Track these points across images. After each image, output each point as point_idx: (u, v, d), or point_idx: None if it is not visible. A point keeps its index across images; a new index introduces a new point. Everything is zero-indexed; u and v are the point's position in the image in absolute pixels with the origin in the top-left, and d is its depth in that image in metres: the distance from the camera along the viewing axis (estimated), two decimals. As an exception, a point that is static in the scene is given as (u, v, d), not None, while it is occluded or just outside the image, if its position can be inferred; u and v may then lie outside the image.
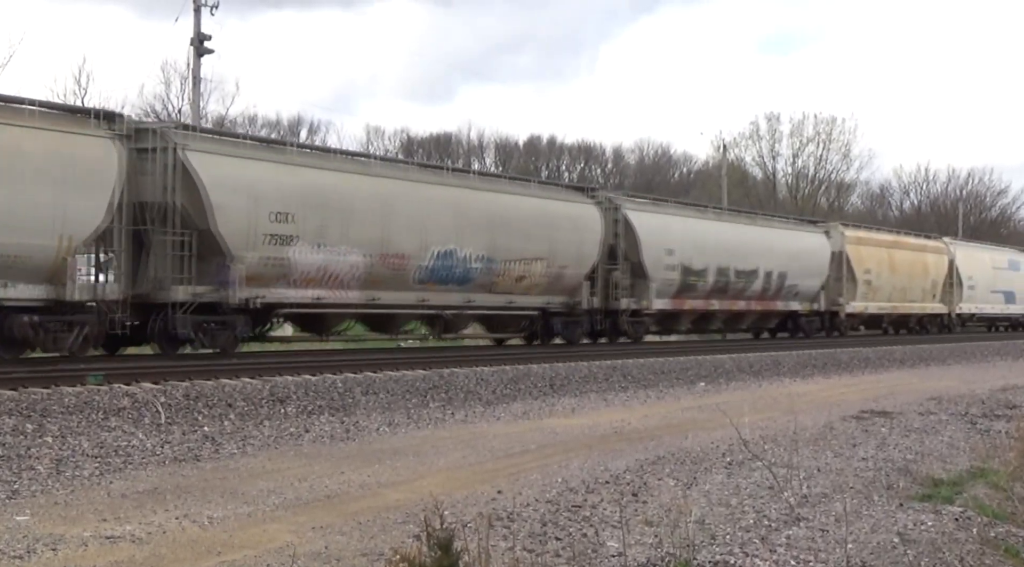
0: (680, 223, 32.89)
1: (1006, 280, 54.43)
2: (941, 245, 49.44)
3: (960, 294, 49.18)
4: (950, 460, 11.67)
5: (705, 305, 33.57)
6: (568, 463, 10.91)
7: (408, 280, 23.51)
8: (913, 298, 45.23)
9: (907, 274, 44.42)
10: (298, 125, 74.99)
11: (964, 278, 49.20)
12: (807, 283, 38.10)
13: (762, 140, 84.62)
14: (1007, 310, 55.30)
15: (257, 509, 8.41)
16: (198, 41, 37.39)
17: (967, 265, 49.97)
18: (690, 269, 32.13)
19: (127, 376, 15.74)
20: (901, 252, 44.62)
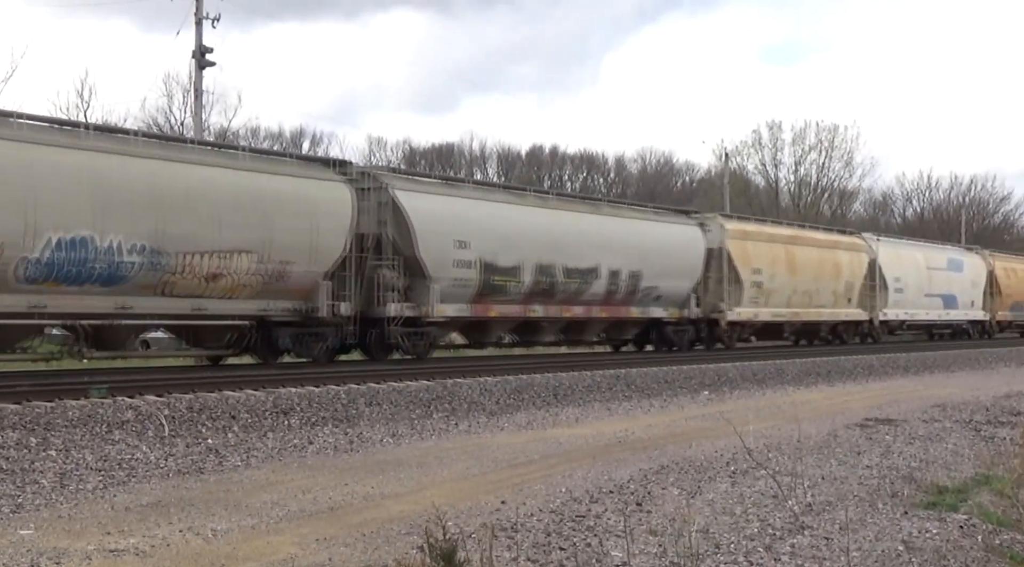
0: (478, 209, 26.08)
1: (944, 282, 47.45)
2: (859, 242, 42.85)
3: (885, 298, 42.71)
4: (954, 467, 11.65)
5: (523, 311, 26.97)
6: (572, 473, 10.90)
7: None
8: (822, 303, 38.67)
9: (813, 275, 38.01)
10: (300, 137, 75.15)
11: (890, 279, 42.92)
12: (672, 285, 31.62)
13: (764, 148, 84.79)
14: (947, 316, 48.39)
15: (261, 521, 8.41)
16: (200, 54, 37.49)
17: (894, 264, 43.67)
18: (494, 266, 25.66)
19: (130, 389, 15.75)
20: (804, 249, 38.08)
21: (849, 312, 40.88)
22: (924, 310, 45.93)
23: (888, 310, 43.16)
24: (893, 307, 43.51)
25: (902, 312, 44.38)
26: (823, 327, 40.18)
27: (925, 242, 53.33)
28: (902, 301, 44.01)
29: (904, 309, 44.36)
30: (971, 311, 50.59)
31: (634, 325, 31.63)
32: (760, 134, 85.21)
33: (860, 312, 41.36)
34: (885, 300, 42.79)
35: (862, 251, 41.94)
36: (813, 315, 38.62)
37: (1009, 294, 54.60)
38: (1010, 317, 55.69)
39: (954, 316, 49.00)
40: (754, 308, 35.12)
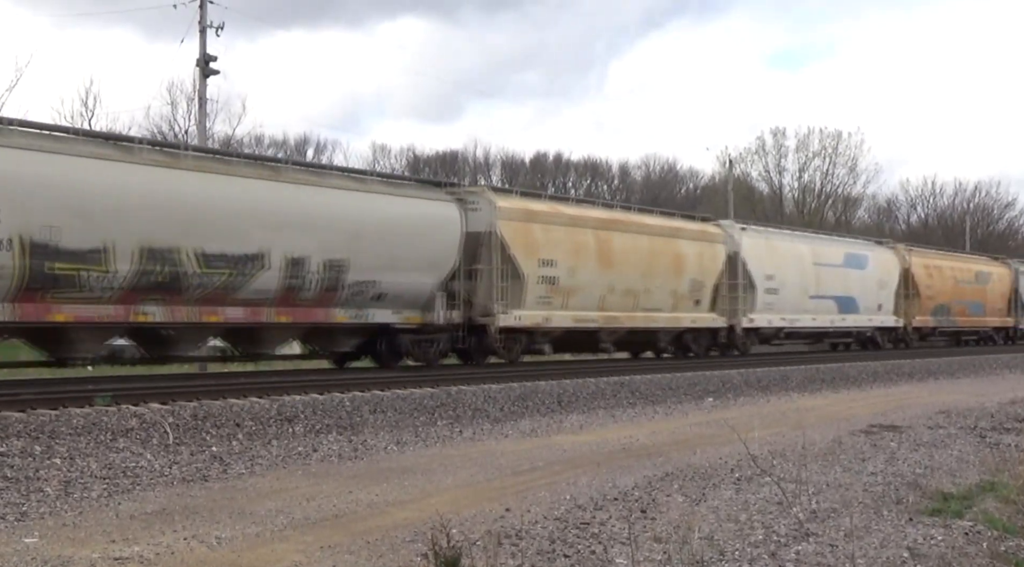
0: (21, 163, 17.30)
1: (839, 281, 39.22)
2: (713, 230, 34.25)
3: (752, 300, 34.52)
4: (960, 474, 11.63)
5: (121, 313, 18.71)
6: (576, 480, 10.90)
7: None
8: (655, 306, 30.34)
9: (640, 270, 29.66)
10: (304, 144, 75.29)
11: (758, 277, 34.77)
12: (405, 280, 23.53)
13: (768, 155, 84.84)
14: (842, 322, 39.74)
15: (265, 529, 8.41)
16: (204, 62, 37.54)
17: (764, 259, 35.42)
18: (54, 248, 17.43)
19: (135, 397, 15.76)
20: (626, 237, 29.41)
21: (698, 317, 32.34)
22: (810, 315, 37.42)
23: (757, 315, 34.79)
24: (764, 311, 35.16)
25: (777, 318, 35.83)
26: (662, 336, 31.75)
27: (815, 233, 45.77)
28: (778, 304, 35.72)
29: (781, 314, 35.89)
30: (878, 316, 42.13)
31: (347, 333, 23.68)
32: (764, 140, 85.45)
33: (715, 318, 33.10)
34: (752, 303, 34.62)
35: (717, 242, 33.59)
36: (642, 321, 29.99)
37: (931, 296, 45.81)
38: (932, 323, 46.32)
39: (853, 322, 40.50)
40: (544, 311, 26.67)
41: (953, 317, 47.90)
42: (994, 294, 52.23)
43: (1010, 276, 54.22)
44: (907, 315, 44.09)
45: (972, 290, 49.68)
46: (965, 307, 48.93)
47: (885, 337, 43.33)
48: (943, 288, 46.92)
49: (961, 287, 48.49)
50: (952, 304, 47.61)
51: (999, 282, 52.91)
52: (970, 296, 49.49)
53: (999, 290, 52.89)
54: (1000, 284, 53.01)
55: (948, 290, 47.35)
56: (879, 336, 42.79)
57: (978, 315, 50.38)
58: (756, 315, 34.87)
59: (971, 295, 49.61)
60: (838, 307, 39.22)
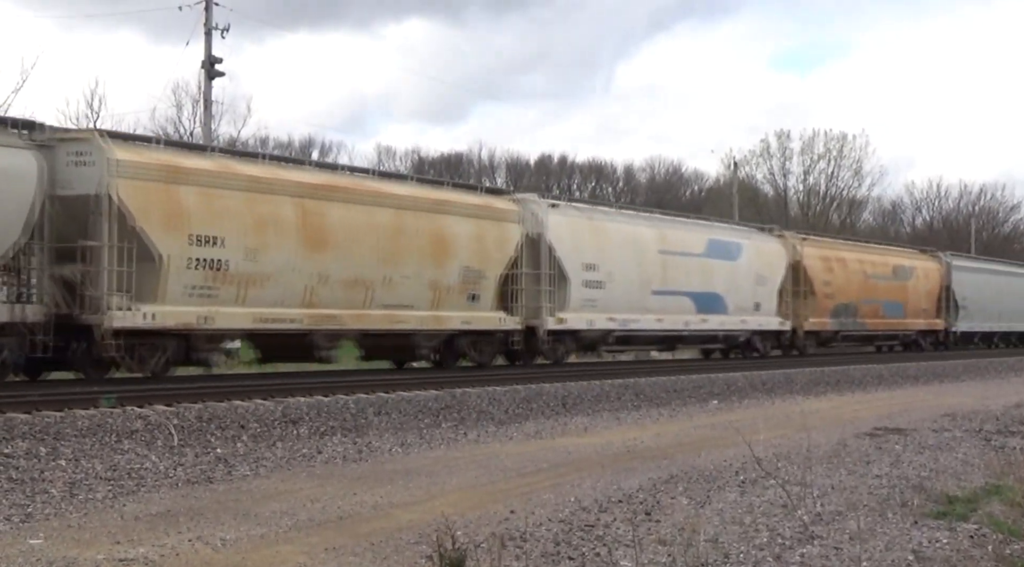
0: None
1: (698, 274, 32.22)
2: (503, 205, 27.00)
3: (564, 296, 27.46)
4: (965, 477, 11.61)
5: None
6: (581, 482, 10.89)
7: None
8: (401, 302, 23.41)
9: (376, 255, 22.84)
10: (310, 146, 75.36)
11: (572, 267, 27.67)
12: None
13: (773, 157, 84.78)
14: (702, 324, 32.44)
15: (270, 531, 8.41)
16: (209, 64, 37.63)
17: (585, 244, 28.32)
18: None
19: (140, 398, 15.78)
20: (350, 209, 22.45)
21: (475, 317, 25.28)
22: (654, 315, 30.16)
23: (571, 314, 27.54)
24: (583, 310, 28.00)
25: (603, 318, 28.56)
26: (419, 341, 24.33)
27: (666, 214, 37.05)
28: (603, 301, 28.53)
29: (608, 313, 28.58)
30: (755, 317, 35.06)
31: None
32: (769, 143, 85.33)
33: (503, 318, 26.08)
34: (565, 299, 27.42)
35: (508, 220, 26.52)
36: (380, 321, 22.97)
37: (830, 294, 38.95)
38: (832, 325, 39.51)
39: (719, 325, 33.29)
40: (203, 306, 19.71)
41: (861, 319, 40.86)
42: (918, 292, 45.19)
43: (940, 271, 47.31)
44: (799, 316, 37.16)
45: (888, 287, 42.77)
46: (878, 307, 41.93)
47: (767, 342, 36.28)
48: (847, 285, 39.97)
49: (873, 284, 41.64)
50: (860, 304, 40.60)
51: (925, 278, 45.92)
52: (885, 294, 42.45)
53: (925, 287, 45.79)
54: (926, 281, 45.97)
55: (854, 287, 40.39)
56: (759, 341, 35.59)
57: (896, 317, 43.42)
58: (570, 314, 27.44)
59: (886, 293, 42.56)
60: (696, 305, 31.90)
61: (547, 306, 26.93)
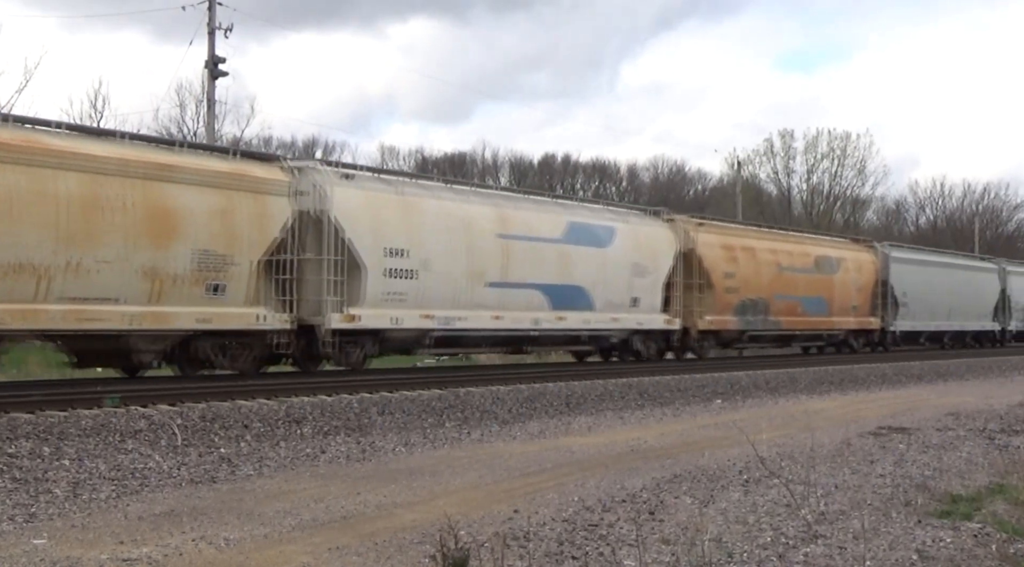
0: None
1: (554, 264, 26.78)
2: (266, 174, 21.27)
3: (359, 288, 22.16)
4: (968, 476, 11.60)
5: None
6: (584, 482, 10.89)
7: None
8: (99, 293, 18.17)
9: (54, 233, 17.56)
10: (313, 146, 75.37)
11: (369, 252, 22.30)
12: None
13: (776, 157, 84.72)
14: (559, 322, 26.90)
15: (273, 530, 8.41)
16: (212, 64, 37.64)
17: (390, 225, 22.89)
18: None
19: (143, 398, 15.78)
20: (28, 175, 17.30)
21: (214, 314, 20.02)
22: (490, 311, 24.83)
23: (364, 310, 22.10)
24: (383, 305, 22.47)
25: (416, 315, 23.07)
26: (136, 343, 19.29)
27: (509, 191, 32.48)
28: (416, 294, 23.01)
29: (423, 309, 23.18)
30: (633, 315, 29.44)
31: None
32: (772, 142, 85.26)
33: (260, 314, 20.74)
34: (359, 292, 22.06)
35: (275, 193, 21.16)
36: (64, 319, 17.74)
37: (733, 288, 33.47)
38: (736, 324, 33.81)
39: (581, 323, 27.71)
40: None
41: (775, 317, 35.33)
42: (846, 287, 39.72)
43: (875, 263, 41.85)
44: (692, 314, 31.75)
45: (809, 281, 37.36)
46: (796, 304, 36.45)
47: (651, 344, 30.95)
48: (755, 278, 34.41)
49: (789, 277, 36.21)
50: (773, 300, 35.07)
51: (857, 271, 40.46)
52: (805, 289, 37.05)
53: (857, 282, 40.36)
54: (859, 274, 40.51)
55: (765, 281, 34.85)
56: (639, 342, 30.24)
57: (819, 314, 38.02)
58: (366, 310, 22.08)
59: (807, 288, 37.21)
60: (550, 301, 26.56)
61: (331, 300, 21.48)
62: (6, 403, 14.47)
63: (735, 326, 33.83)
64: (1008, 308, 53.11)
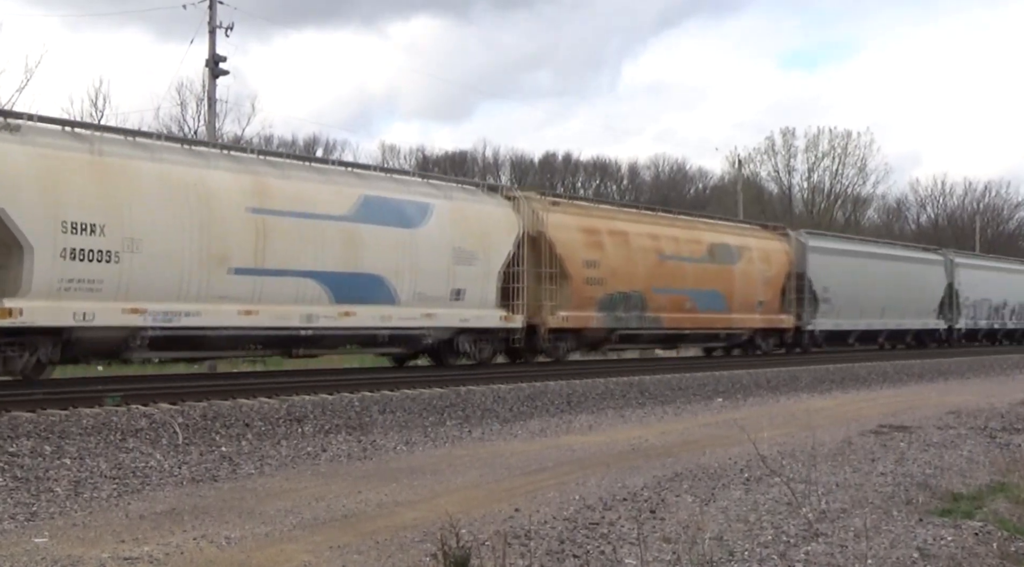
0: None
1: (337, 247, 21.60)
2: None
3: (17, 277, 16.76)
4: (969, 474, 11.60)
5: None
6: (586, 480, 10.89)
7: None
8: None
9: None
10: (314, 144, 75.38)
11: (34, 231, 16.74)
12: None
13: (777, 155, 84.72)
14: (343, 319, 21.58)
15: (275, 529, 8.42)
16: (213, 62, 37.61)
17: (71, 195, 17.29)
18: None
19: (144, 397, 15.78)
20: None
21: None
22: (238, 305, 19.70)
23: (27, 302, 16.73)
24: (61, 296, 17.13)
25: (114, 308, 17.82)
26: None
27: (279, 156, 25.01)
28: (115, 282, 17.83)
29: (129, 301, 18.06)
30: (452, 310, 23.87)
31: None
32: (774, 141, 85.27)
33: None
34: (20, 278, 16.80)
35: None
36: None
37: (596, 279, 27.74)
38: (602, 322, 27.97)
39: (375, 321, 22.24)
40: None
41: (653, 313, 29.57)
42: (750, 280, 34.10)
43: (788, 254, 36.60)
44: (543, 309, 26.16)
45: (700, 272, 31.76)
46: (682, 299, 30.85)
47: (486, 344, 25.31)
48: (627, 267, 28.76)
49: (674, 267, 30.51)
50: (650, 293, 29.42)
51: (765, 262, 35.01)
52: (696, 282, 31.41)
53: (764, 274, 34.80)
54: (767, 265, 35.07)
55: (641, 271, 29.18)
56: (468, 342, 24.83)
57: (715, 310, 32.38)
58: (30, 302, 16.67)
59: (698, 280, 31.55)
60: (331, 293, 21.35)
61: None
62: (7, 402, 14.47)
63: (600, 323, 27.92)
64: (956, 304, 47.59)
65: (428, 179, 26.23)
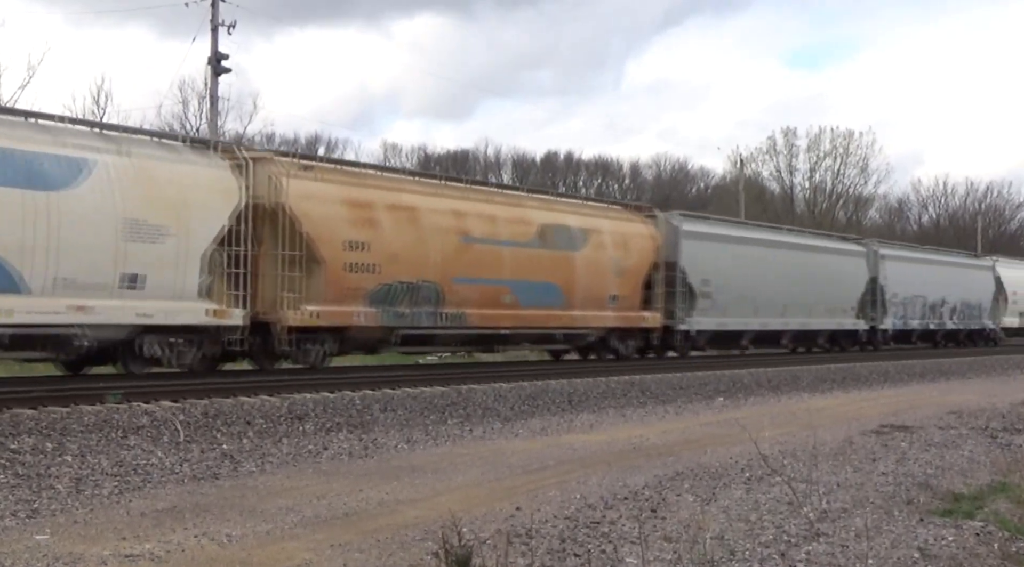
0: None
1: None
2: None
3: None
4: (971, 474, 11.60)
5: None
6: (587, 479, 10.89)
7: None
8: None
9: None
10: (316, 142, 75.36)
11: None
12: None
13: (779, 155, 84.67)
14: None
15: (276, 527, 8.42)
16: (215, 60, 37.63)
17: None
18: None
19: (146, 394, 15.79)
20: None
21: None
22: None
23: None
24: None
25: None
26: None
27: None
28: None
29: None
30: (126, 302, 18.39)
31: None
32: (775, 140, 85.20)
33: None
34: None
35: None
36: None
37: (365, 265, 22.22)
38: (373, 318, 22.40)
39: None
40: None
41: (454, 308, 23.81)
42: (600, 269, 28.09)
43: (655, 240, 30.40)
44: (282, 303, 20.82)
45: (527, 259, 25.83)
46: (499, 291, 25.12)
47: (182, 347, 19.69)
48: (414, 251, 23.05)
49: (485, 252, 24.71)
50: (449, 284, 23.67)
51: (620, 249, 28.86)
52: (518, 271, 25.53)
53: (619, 263, 28.71)
54: (623, 252, 28.95)
55: (435, 256, 23.51)
56: (155, 344, 19.23)
57: (549, 306, 26.50)
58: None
59: (522, 269, 25.65)
60: None
61: None
62: (9, 399, 14.47)
63: (371, 321, 22.13)
64: (882, 302, 41.95)
65: (97, 128, 20.33)
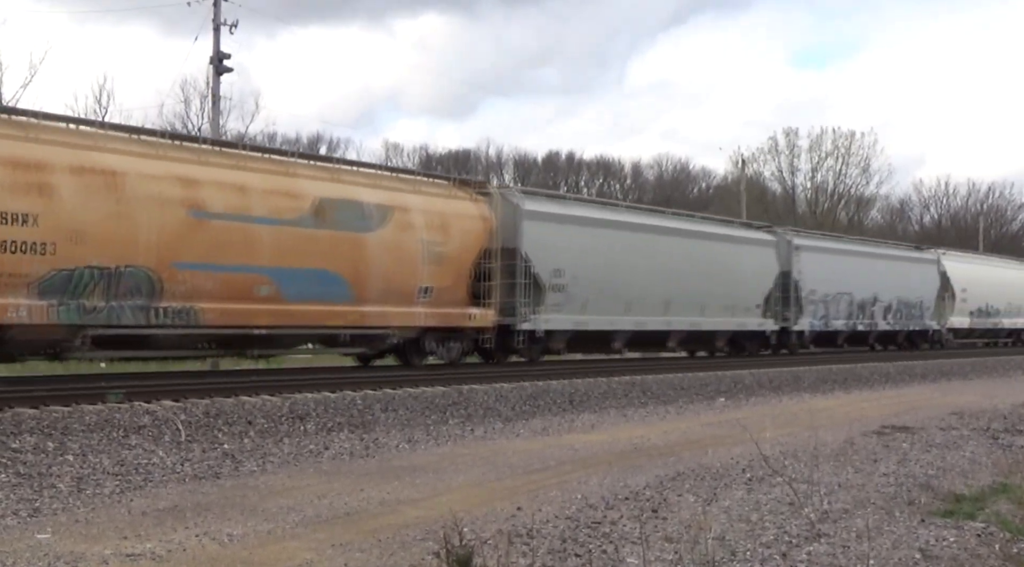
0: None
1: None
2: None
3: None
4: (972, 475, 11.60)
5: None
6: (588, 479, 10.89)
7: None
8: None
9: None
10: (318, 142, 75.36)
11: None
12: None
13: (781, 155, 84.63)
14: None
15: (277, 526, 8.42)
16: (217, 59, 37.61)
17: None
18: None
19: (147, 394, 15.79)
20: None
21: None
22: None
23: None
24: None
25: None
26: None
27: None
28: None
29: None
30: None
31: None
32: (777, 140, 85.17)
33: None
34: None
35: None
36: None
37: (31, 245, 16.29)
38: (42, 316, 16.50)
39: None
40: None
41: (179, 302, 18.39)
42: (405, 255, 22.67)
43: (487, 221, 24.85)
44: None
45: (290, 241, 20.27)
46: (250, 281, 19.64)
47: None
48: (114, 229, 17.59)
49: (227, 230, 19.18)
50: (167, 271, 18.24)
51: (438, 230, 23.48)
52: (280, 256, 20.04)
53: (434, 248, 23.24)
54: (442, 235, 23.52)
55: (148, 236, 18.02)
56: None
57: (330, 300, 21.03)
58: None
59: (284, 253, 20.10)
60: None
61: None
62: (10, 398, 14.48)
63: (40, 318, 16.70)
64: (796, 299, 36.14)
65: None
